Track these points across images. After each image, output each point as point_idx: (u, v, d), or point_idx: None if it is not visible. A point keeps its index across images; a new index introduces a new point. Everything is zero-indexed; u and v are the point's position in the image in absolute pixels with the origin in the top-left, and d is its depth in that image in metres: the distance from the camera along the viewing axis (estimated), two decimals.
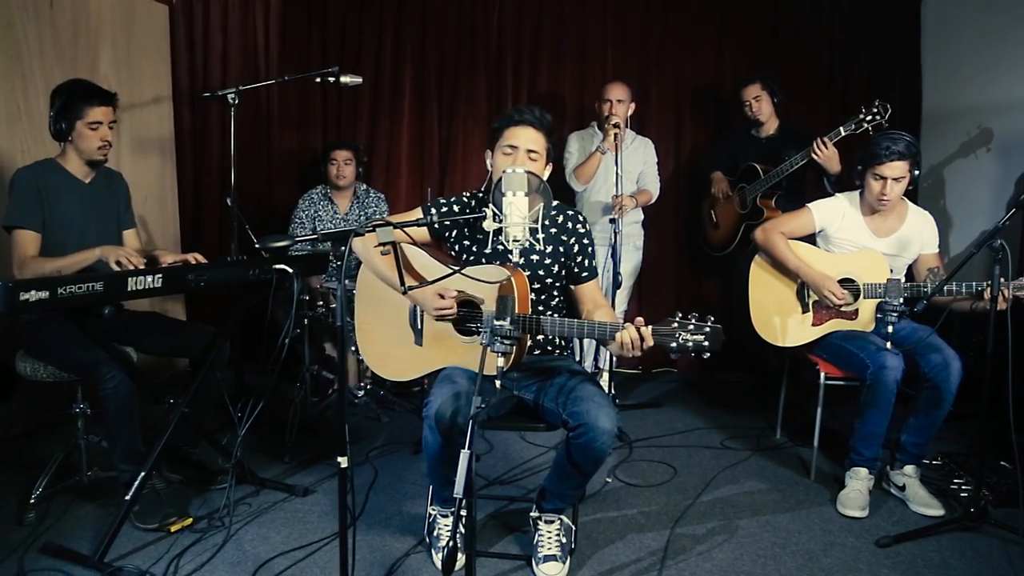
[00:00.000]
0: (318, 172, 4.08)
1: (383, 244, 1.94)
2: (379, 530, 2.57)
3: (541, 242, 2.35)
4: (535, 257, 2.36)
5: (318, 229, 3.89)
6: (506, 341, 1.99)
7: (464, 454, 1.84)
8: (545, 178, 2.40)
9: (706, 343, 1.99)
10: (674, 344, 2.01)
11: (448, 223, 2.40)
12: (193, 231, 4.37)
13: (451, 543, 1.87)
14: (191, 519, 2.55)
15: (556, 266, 2.38)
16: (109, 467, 2.62)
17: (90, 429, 2.75)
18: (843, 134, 3.37)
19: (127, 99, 3.88)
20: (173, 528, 2.49)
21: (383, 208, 4.08)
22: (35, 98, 3.39)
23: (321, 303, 3.60)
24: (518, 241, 2.03)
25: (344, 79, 3.51)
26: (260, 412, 3.28)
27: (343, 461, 1.94)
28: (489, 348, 1.97)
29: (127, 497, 2.39)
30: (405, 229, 2.32)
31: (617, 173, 3.56)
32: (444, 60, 4.50)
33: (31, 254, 2.58)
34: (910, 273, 3.06)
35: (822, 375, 2.95)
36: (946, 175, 4.23)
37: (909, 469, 2.81)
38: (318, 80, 3.51)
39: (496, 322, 1.98)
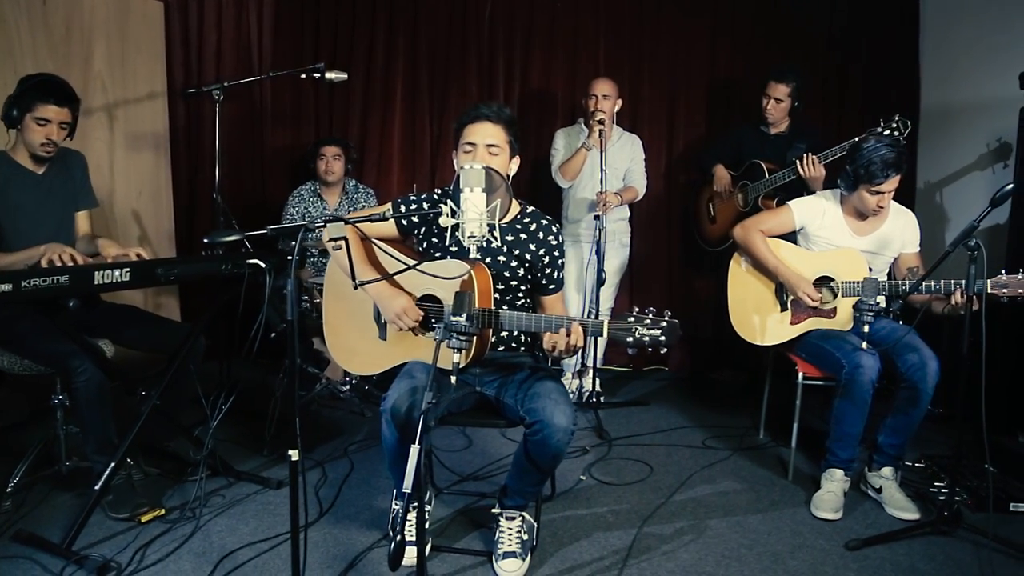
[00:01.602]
0: (310, 168, 4.11)
1: (333, 239, 1.96)
2: (347, 523, 2.58)
3: (503, 242, 2.34)
4: (501, 258, 2.35)
5: None
6: (461, 337, 1.99)
7: (413, 449, 1.85)
8: (512, 172, 2.40)
9: (662, 338, 1.99)
10: (630, 339, 2.00)
11: (415, 220, 2.40)
12: (187, 225, 4.42)
13: (398, 538, 1.89)
14: (163, 510, 2.58)
15: (521, 270, 2.37)
16: (87, 457, 2.66)
17: (69, 420, 2.78)
18: None
19: (121, 95, 3.93)
20: (144, 518, 2.52)
21: (372, 203, 4.10)
22: None
23: (306, 298, 3.63)
24: (474, 237, 2.03)
25: (329, 75, 3.53)
26: (243, 405, 3.33)
27: (294, 454, 1.95)
28: (445, 343, 1.98)
29: (96, 487, 2.43)
30: (373, 225, 2.36)
31: (602, 169, 3.55)
32: (436, 56, 4.51)
33: None
34: (892, 273, 3.01)
35: (800, 375, 2.92)
36: (943, 173, 4.16)
37: (886, 471, 2.77)
38: (303, 76, 3.54)
39: (452, 318, 1.99)
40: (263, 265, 2.60)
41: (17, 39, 3.41)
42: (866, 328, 2.64)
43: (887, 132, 3.19)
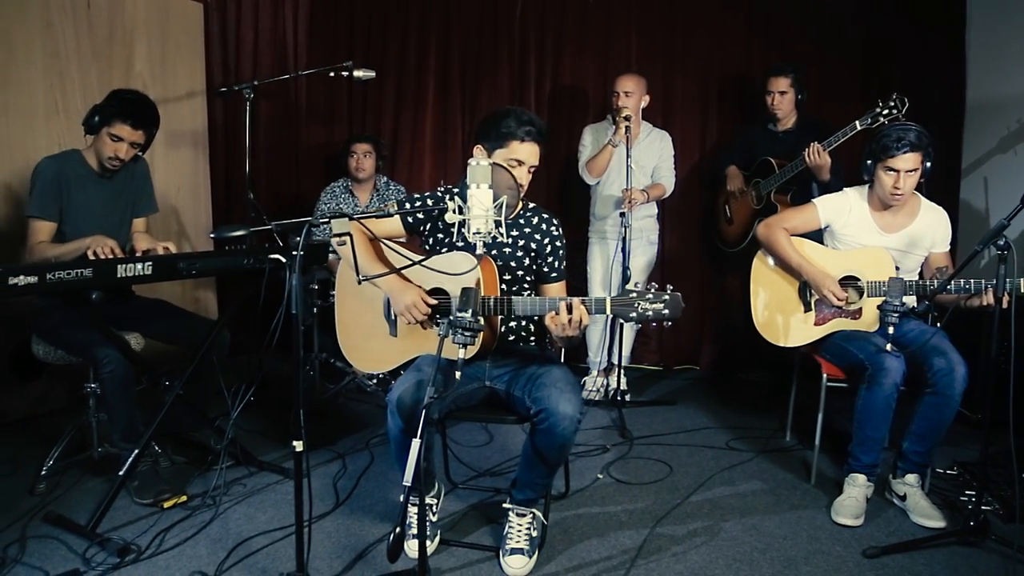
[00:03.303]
0: (342, 165, 4.18)
1: (338, 235, 2.00)
2: (360, 515, 2.63)
3: (508, 236, 2.35)
4: (507, 249, 2.38)
5: None
6: (467, 333, 2.01)
7: (414, 443, 1.88)
8: None
9: (666, 311, 2.01)
10: (633, 314, 2.04)
11: (421, 216, 2.43)
12: (225, 221, 4.52)
13: (397, 529, 1.92)
14: (185, 496, 2.66)
15: (527, 259, 2.39)
16: (114, 444, 2.77)
17: (101, 408, 2.89)
18: (859, 128, 3.22)
19: (161, 94, 4.06)
20: (166, 504, 2.61)
21: None
22: (72, 94, 3.58)
23: (334, 292, 3.69)
24: (479, 233, 2.05)
25: (358, 73, 3.60)
26: (270, 397, 3.40)
27: (298, 445, 1.99)
28: (451, 339, 2.00)
29: (120, 473, 2.52)
30: (381, 223, 2.40)
31: (628, 166, 3.52)
32: (467, 53, 4.54)
33: (41, 240, 2.73)
34: (921, 273, 2.91)
35: (824, 376, 2.85)
36: (990, 169, 3.99)
37: (911, 478, 2.68)
38: (331, 74, 3.60)
39: (457, 314, 2.01)
40: (284, 260, 2.67)
41: (63, 41, 3.55)
42: (891, 329, 2.56)
43: (885, 112, 3.14)
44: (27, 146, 3.39)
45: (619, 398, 3.72)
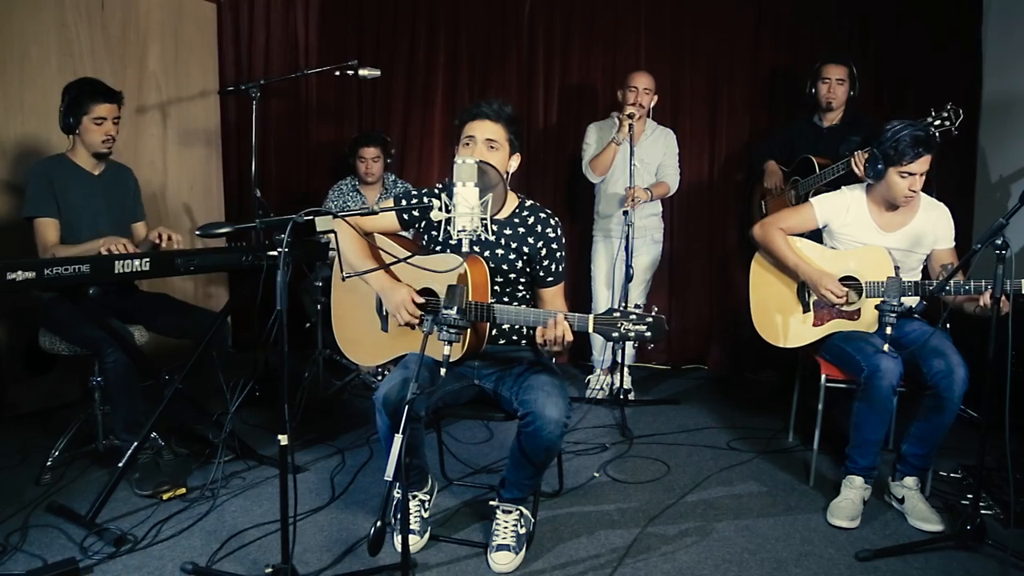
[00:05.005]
0: (349, 164, 4.21)
1: (322, 233, 2.02)
2: (354, 509, 2.65)
3: (501, 236, 2.35)
4: (500, 251, 2.36)
5: None
6: (452, 330, 2.03)
7: (396, 439, 1.91)
8: (512, 169, 2.41)
9: (648, 333, 2.00)
10: (616, 334, 2.03)
11: (416, 213, 2.44)
12: (237, 218, 4.60)
13: (378, 523, 1.94)
14: (184, 489, 2.71)
15: (520, 263, 2.37)
16: (117, 436, 2.82)
17: (107, 401, 2.95)
18: None
19: (174, 94, 4.14)
20: (165, 496, 2.65)
21: None
22: None
23: None
24: (464, 231, 2.06)
25: (363, 72, 3.62)
26: (274, 392, 3.44)
27: (283, 439, 2.01)
28: (436, 336, 2.02)
29: (120, 464, 2.58)
30: (375, 218, 2.42)
31: (631, 164, 3.51)
32: (476, 51, 4.55)
33: (53, 241, 2.80)
34: (927, 271, 2.87)
35: (823, 376, 2.81)
36: (1007, 168, 3.91)
37: (909, 481, 2.64)
38: (338, 73, 3.63)
39: (443, 311, 2.02)
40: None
41: (77, 41, 3.63)
42: (888, 330, 2.52)
43: (937, 123, 3.05)
44: (41, 144, 3.47)
45: (621, 396, 3.70)
